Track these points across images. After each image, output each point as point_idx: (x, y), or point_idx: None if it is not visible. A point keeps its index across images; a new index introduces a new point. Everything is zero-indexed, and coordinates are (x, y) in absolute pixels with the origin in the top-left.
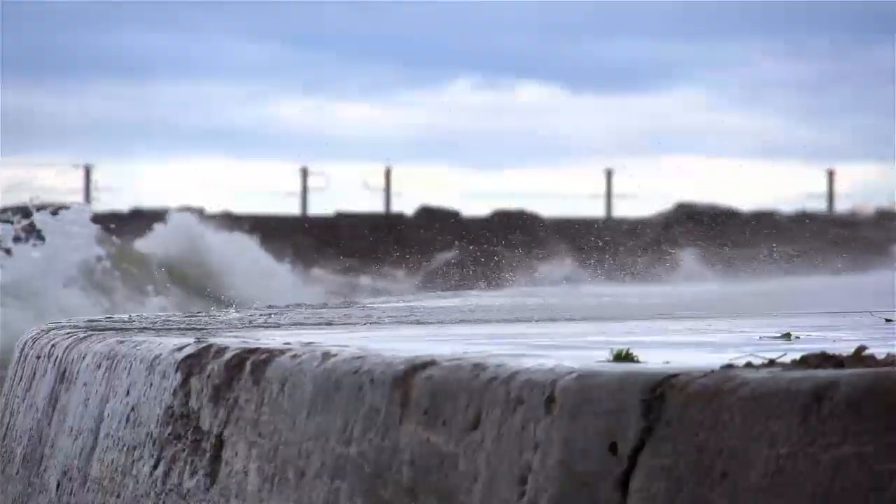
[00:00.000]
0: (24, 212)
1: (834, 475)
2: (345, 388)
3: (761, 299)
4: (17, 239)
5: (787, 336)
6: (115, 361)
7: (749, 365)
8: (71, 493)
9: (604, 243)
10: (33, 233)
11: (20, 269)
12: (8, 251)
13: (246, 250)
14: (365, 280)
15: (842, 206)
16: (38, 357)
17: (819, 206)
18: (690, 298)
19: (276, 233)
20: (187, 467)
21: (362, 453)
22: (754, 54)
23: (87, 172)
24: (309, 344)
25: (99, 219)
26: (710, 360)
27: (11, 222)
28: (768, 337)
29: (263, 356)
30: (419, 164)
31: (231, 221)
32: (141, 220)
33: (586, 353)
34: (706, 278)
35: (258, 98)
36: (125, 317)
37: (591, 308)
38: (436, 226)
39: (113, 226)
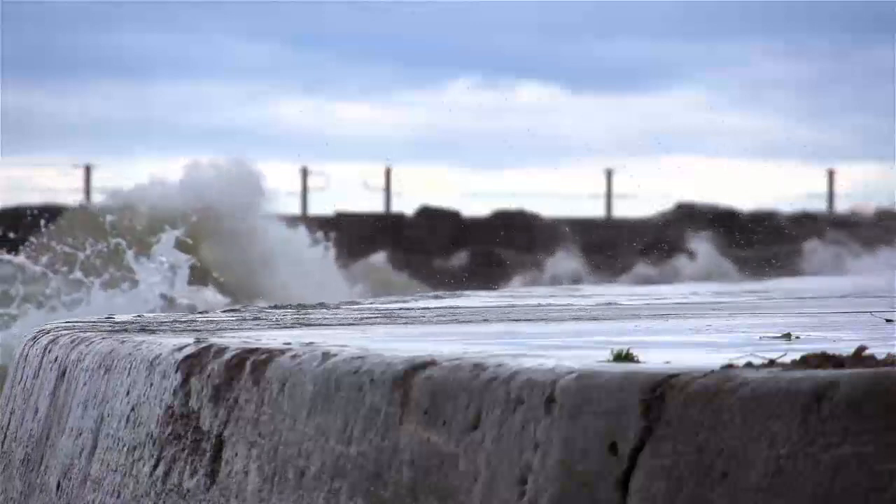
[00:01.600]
0: (97, 226)
1: (834, 475)
2: (345, 388)
3: (761, 299)
4: (86, 267)
5: (787, 336)
6: (116, 361)
7: (749, 365)
8: (71, 493)
9: (604, 243)
10: (111, 262)
11: (98, 311)
12: (83, 284)
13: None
14: (364, 280)
15: (842, 206)
16: (39, 357)
17: (819, 206)
18: (691, 298)
19: None
20: (187, 467)
21: (362, 453)
22: (754, 54)
23: (88, 172)
24: (309, 344)
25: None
26: (710, 360)
27: (83, 249)
28: (768, 337)
29: (263, 356)
30: (419, 164)
31: None
32: None
33: (586, 353)
34: (706, 277)
35: (258, 98)
36: (126, 317)
37: (590, 308)
38: (436, 226)
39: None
